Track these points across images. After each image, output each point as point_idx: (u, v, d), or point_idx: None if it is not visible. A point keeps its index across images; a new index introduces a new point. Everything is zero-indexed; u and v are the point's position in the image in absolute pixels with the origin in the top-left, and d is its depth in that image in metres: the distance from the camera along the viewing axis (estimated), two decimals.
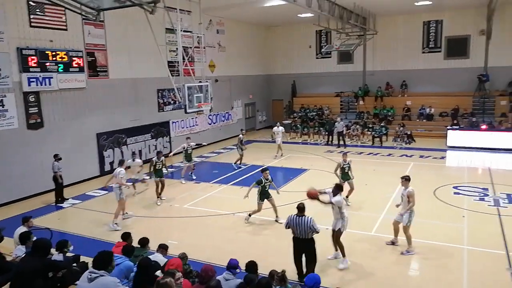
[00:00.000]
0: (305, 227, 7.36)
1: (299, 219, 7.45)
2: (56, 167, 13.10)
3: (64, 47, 14.67)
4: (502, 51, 22.78)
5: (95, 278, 4.49)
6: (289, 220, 7.58)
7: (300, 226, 7.40)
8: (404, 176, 9.21)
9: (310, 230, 7.37)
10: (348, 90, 26.90)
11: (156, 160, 13.10)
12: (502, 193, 12.74)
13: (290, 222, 7.54)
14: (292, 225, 7.51)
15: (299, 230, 7.43)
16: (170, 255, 6.97)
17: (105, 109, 16.57)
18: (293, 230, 7.56)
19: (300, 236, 7.47)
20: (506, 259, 8.39)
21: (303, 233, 7.42)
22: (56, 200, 13.35)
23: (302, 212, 7.54)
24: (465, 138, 20.16)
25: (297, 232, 7.48)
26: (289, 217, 7.64)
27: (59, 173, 13.19)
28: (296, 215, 7.53)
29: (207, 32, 22.04)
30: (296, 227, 7.45)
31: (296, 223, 7.45)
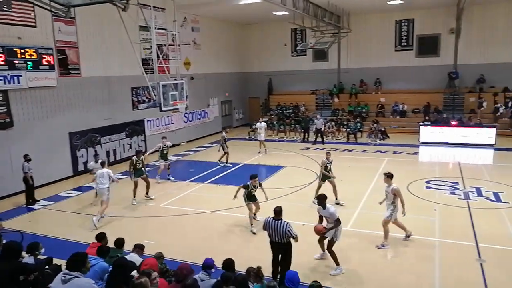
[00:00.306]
0: (281, 232, 7.14)
1: (275, 223, 7.21)
2: (26, 168, 12.71)
3: (34, 44, 14.23)
4: (471, 49, 23.54)
5: (69, 280, 4.40)
6: (266, 223, 7.38)
7: (276, 230, 7.18)
8: (386, 173, 9.30)
9: (286, 235, 7.13)
10: (323, 87, 27.21)
11: (136, 159, 12.86)
12: (471, 187, 13.17)
13: (267, 225, 7.34)
14: (268, 229, 7.32)
15: (275, 234, 7.22)
16: (147, 255, 6.89)
17: (78, 108, 16.20)
18: (269, 234, 7.35)
19: (276, 240, 7.27)
20: (476, 250, 8.68)
21: (279, 237, 7.20)
22: (26, 201, 12.95)
23: (279, 216, 7.31)
24: (436, 134, 20.73)
25: (273, 236, 7.28)
26: (266, 219, 7.45)
27: (30, 174, 12.80)
28: (273, 218, 7.31)
29: (182, 30, 21.82)
30: (272, 231, 7.25)
31: (272, 227, 7.23)
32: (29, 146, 14.15)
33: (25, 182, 12.86)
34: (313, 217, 10.85)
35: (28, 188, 12.98)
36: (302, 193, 13.12)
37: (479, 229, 9.75)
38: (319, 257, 8.46)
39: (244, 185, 10.30)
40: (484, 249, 8.70)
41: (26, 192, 13.04)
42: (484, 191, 12.70)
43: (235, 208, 11.55)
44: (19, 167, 13.11)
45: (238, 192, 10.36)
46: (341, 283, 7.30)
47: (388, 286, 7.43)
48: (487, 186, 13.20)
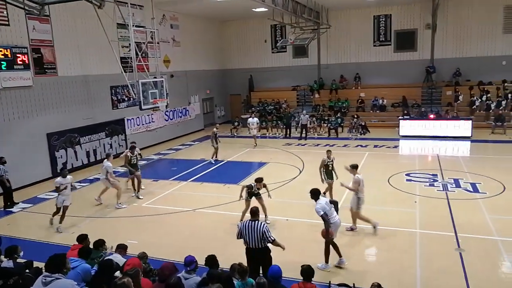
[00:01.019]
0: (257, 234, 6.61)
1: (251, 224, 6.69)
2: (1, 171, 12.41)
3: (7, 43, 13.86)
4: (447, 43, 24.05)
5: (50, 282, 4.31)
6: (241, 228, 6.80)
7: (253, 231, 6.63)
8: (351, 164, 9.62)
9: (262, 237, 6.61)
10: (304, 83, 27.35)
11: (131, 155, 12.93)
12: (449, 178, 13.47)
13: (242, 229, 6.76)
14: (243, 233, 6.74)
15: (251, 237, 6.65)
16: (130, 255, 6.82)
17: (55, 108, 15.86)
18: (245, 240, 6.76)
19: (252, 245, 6.70)
20: (455, 240, 8.89)
21: (255, 241, 6.64)
22: (4, 204, 12.61)
23: (256, 217, 6.87)
24: (415, 127, 21.10)
25: (249, 240, 6.70)
26: (241, 224, 6.94)
27: (6, 177, 12.50)
28: (250, 220, 6.83)
29: (161, 27, 21.59)
30: (247, 234, 6.67)
31: (248, 229, 6.67)
32: (7, 148, 13.80)
33: (2, 185, 12.56)
34: (297, 212, 10.99)
35: (6, 190, 12.66)
36: (285, 188, 13.18)
37: (458, 219, 9.99)
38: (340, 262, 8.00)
39: (248, 186, 10.19)
40: (463, 238, 8.91)
41: (3, 195, 12.74)
42: (462, 182, 13.00)
43: (218, 206, 11.57)
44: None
45: (242, 192, 10.26)
46: (322, 277, 7.37)
47: (371, 278, 7.53)
48: (465, 178, 13.53)
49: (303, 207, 11.28)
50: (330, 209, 7.77)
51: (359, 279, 7.05)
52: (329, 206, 7.81)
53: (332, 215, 7.78)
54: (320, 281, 7.09)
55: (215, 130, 17.47)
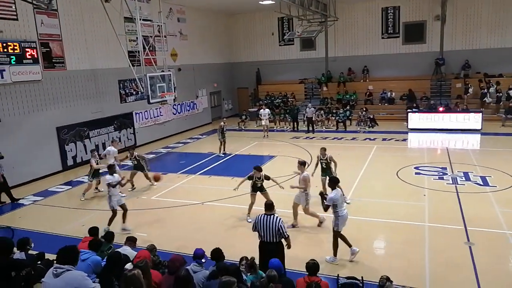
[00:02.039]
0: (273, 228, 6.59)
1: (267, 219, 6.67)
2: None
3: (16, 37, 13.95)
4: (456, 35, 23.72)
5: (61, 273, 4.36)
6: (257, 221, 6.77)
7: (268, 226, 6.61)
8: (299, 161, 9.60)
9: (278, 231, 6.59)
10: (311, 76, 27.19)
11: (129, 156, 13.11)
12: (459, 172, 13.36)
13: (258, 223, 6.73)
14: (259, 227, 6.71)
15: (266, 231, 6.64)
16: (139, 247, 6.88)
17: (64, 102, 15.98)
18: (260, 233, 6.74)
19: (266, 239, 6.67)
20: (464, 234, 8.83)
21: (270, 235, 6.62)
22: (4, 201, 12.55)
23: (271, 210, 6.81)
24: (424, 120, 20.92)
25: (263, 234, 6.68)
26: (257, 217, 6.85)
27: (1, 172, 12.30)
28: (264, 214, 6.79)
29: (168, 21, 21.57)
30: (263, 228, 6.66)
31: (263, 223, 6.66)
32: (17, 142, 13.98)
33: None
34: None
35: (1, 186, 12.41)
36: (293, 182, 13.13)
37: (468, 213, 9.92)
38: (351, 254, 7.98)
39: (248, 176, 10.17)
40: (473, 232, 8.85)
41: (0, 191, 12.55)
42: (472, 176, 12.89)
43: (226, 199, 11.60)
44: (7, 163, 12.90)
45: (241, 183, 10.26)
46: (331, 270, 7.38)
47: (380, 271, 7.52)
48: (474, 171, 13.41)
49: (311, 200, 11.28)
50: (341, 202, 7.81)
51: (367, 272, 7.05)
52: (342, 198, 7.89)
53: (342, 208, 7.79)
54: (329, 274, 7.12)
55: (222, 124, 17.54)
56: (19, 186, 14.05)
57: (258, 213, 7.07)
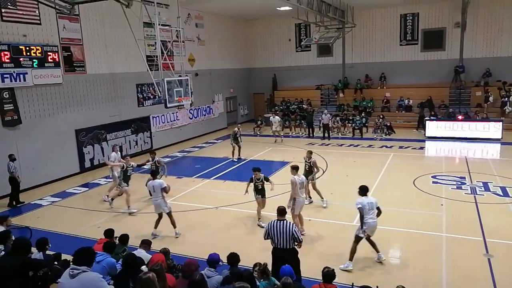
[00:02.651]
0: (287, 234, 6.50)
1: (279, 224, 6.57)
2: (12, 168, 12.34)
3: (39, 41, 14.29)
4: (477, 43, 23.34)
5: (77, 274, 4.41)
6: (269, 228, 6.66)
7: (281, 232, 6.51)
8: (291, 165, 9.56)
9: (292, 237, 6.51)
10: (328, 83, 27.09)
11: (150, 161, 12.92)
12: (478, 181, 13.08)
13: (270, 229, 6.61)
14: (272, 233, 6.59)
15: (279, 237, 6.53)
16: (153, 250, 6.93)
17: (83, 105, 16.26)
18: (273, 240, 6.63)
19: (280, 246, 6.56)
20: (483, 245, 8.64)
21: (284, 241, 6.52)
22: (10, 203, 12.59)
23: (283, 216, 6.74)
24: (442, 128, 20.60)
25: (277, 241, 6.57)
26: (268, 224, 6.77)
27: (16, 174, 12.45)
28: (276, 220, 6.68)
29: (186, 26, 21.81)
30: (276, 234, 6.55)
31: (276, 229, 6.55)
32: (37, 143, 14.27)
33: (12, 182, 12.43)
34: (320, 212, 10.93)
35: (14, 188, 12.57)
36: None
37: (487, 224, 9.70)
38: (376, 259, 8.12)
39: (250, 179, 10.35)
40: (492, 244, 8.65)
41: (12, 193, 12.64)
42: (491, 186, 12.61)
43: (241, 204, 11.59)
44: (26, 164, 13.17)
45: (248, 187, 10.39)
46: (347, 279, 7.29)
47: (395, 281, 7.40)
48: (494, 181, 13.11)
49: (327, 207, 11.21)
50: (368, 209, 7.86)
51: (383, 281, 6.94)
52: (370, 206, 7.90)
53: (368, 215, 7.83)
54: (343, 283, 7.03)
55: (236, 130, 17.65)
56: (38, 187, 14.34)
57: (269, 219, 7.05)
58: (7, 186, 12.64)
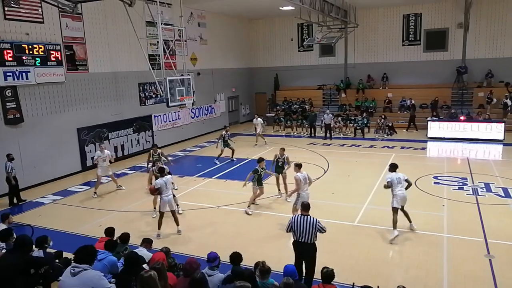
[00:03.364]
0: (309, 228, 6.71)
1: (303, 219, 6.77)
2: (9, 168, 12.19)
3: (41, 40, 14.31)
4: (479, 43, 23.30)
5: (78, 272, 4.43)
6: (292, 222, 6.88)
7: (304, 227, 6.72)
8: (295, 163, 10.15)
9: (315, 230, 6.74)
10: (330, 83, 27.07)
11: (153, 153, 13.15)
12: (480, 182, 13.05)
13: (293, 224, 6.83)
14: (295, 227, 6.80)
15: (302, 232, 6.74)
16: (155, 249, 6.94)
17: (86, 104, 16.29)
18: (295, 233, 6.85)
19: (301, 239, 6.78)
20: (484, 246, 8.62)
21: (306, 235, 6.73)
22: (10, 202, 12.52)
23: (307, 211, 6.95)
24: (444, 129, 20.57)
25: (299, 234, 6.78)
26: (292, 218, 6.99)
27: (13, 174, 12.30)
28: (301, 215, 6.92)
29: (188, 25, 21.83)
30: (299, 228, 6.75)
31: (300, 224, 6.75)
32: (39, 142, 14.30)
33: (8, 182, 12.31)
34: (321, 212, 10.91)
35: (12, 188, 12.51)
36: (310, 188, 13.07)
37: (488, 225, 9.68)
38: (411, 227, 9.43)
39: (254, 170, 11.01)
40: (493, 245, 8.63)
41: (9, 193, 12.58)
42: (493, 187, 12.59)
43: (242, 203, 11.60)
44: (28, 162, 13.19)
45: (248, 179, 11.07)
46: (349, 279, 7.28)
47: (397, 281, 7.40)
48: (496, 182, 13.08)
49: (328, 207, 11.21)
50: (397, 183, 9.11)
51: (383, 282, 6.93)
52: (398, 180, 9.15)
53: (397, 188, 9.05)
54: (344, 283, 7.03)
55: (223, 133, 17.17)
56: (40, 185, 14.38)
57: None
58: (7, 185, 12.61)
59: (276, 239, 9.38)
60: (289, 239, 9.72)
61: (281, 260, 7.50)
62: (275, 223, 10.17)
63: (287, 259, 7.29)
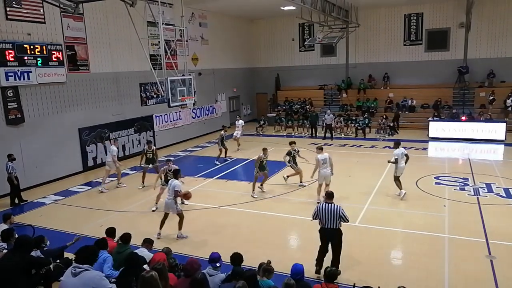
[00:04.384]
0: (334, 215, 7.26)
1: (327, 207, 7.33)
2: (10, 168, 12.20)
3: (43, 40, 14.33)
4: (481, 43, 23.27)
5: (79, 273, 4.44)
6: (318, 209, 7.42)
7: (329, 214, 7.27)
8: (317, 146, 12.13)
9: (339, 218, 7.27)
10: (331, 83, 27.06)
11: (147, 149, 13.84)
12: (481, 183, 13.03)
13: (319, 211, 7.37)
14: (321, 214, 7.35)
15: (328, 218, 7.29)
16: (156, 249, 6.95)
17: (87, 104, 16.31)
18: (321, 220, 7.40)
19: (327, 226, 7.33)
20: (486, 247, 8.61)
21: (331, 222, 7.29)
22: (11, 202, 12.50)
23: (331, 199, 7.48)
24: (446, 129, 20.54)
25: (324, 221, 7.33)
26: (317, 206, 7.52)
27: (14, 174, 12.33)
28: (325, 202, 7.46)
29: (190, 25, 21.84)
30: (325, 215, 7.31)
31: (325, 211, 7.31)
32: (40, 142, 14.32)
33: (10, 182, 12.33)
34: None
35: (14, 189, 12.49)
36: (311, 188, 13.09)
37: (489, 225, 9.66)
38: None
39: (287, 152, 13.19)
40: (495, 245, 8.62)
41: (11, 193, 12.56)
42: (494, 187, 12.57)
43: (243, 203, 11.61)
44: (30, 162, 13.19)
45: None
46: (349, 279, 7.28)
47: (397, 281, 7.39)
48: (497, 182, 13.06)
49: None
50: (401, 158, 11.78)
51: (384, 282, 6.92)
52: (402, 155, 11.80)
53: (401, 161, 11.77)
54: (345, 283, 7.03)
55: (222, 133, 17.19)
56: (41, 185, 14.40)
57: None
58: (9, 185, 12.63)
59: (277, 240, 9.38)
60: (289, 239, 9.78)
61: (282, 260, 7.53)
62: (276, 223, 10.18)
63: (288, 259, 7.31)
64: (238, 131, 19.84)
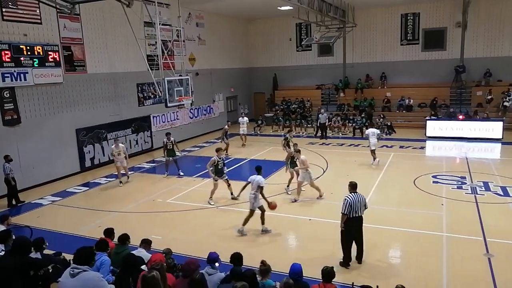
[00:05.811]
0: (362, 203, 7.75)
1: (357, 196, 7.76)
2: (7, 169, 12.21)
3: (39, 41, 14.28)
4: (478, 42, 23.32)
5: (77, 274, 4.42)
6: (351, 200, 7.68)
7: (359, 203, 7.70)
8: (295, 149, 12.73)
9: (364, 205, 7.82)
10: (329, 82, 27.09)
11: (167, 141, 14.67)
12: (479, 181, 13.07)
13: (353, 202, 7.66)
14: (354, 204, 7.65)
15: (359, 206, 7.70)
16: (154, 250, 6.93)
17: (84, 105, 16.27)
18: (353, 210, 7.65)
19: (356, 214, 7.70)
20: (483, 245, 8.63)
21: (360, 209, 7.74)
22: (8, 203, 12.47)
23: (355, 189, 7.90)
24: (443, 128, 20.59)
25: (356, 209, 7.67)
26: (347, 198, 7.74)
27: (11, 175, 12.31)
28: (354, 192, 7.83)
29: (187, 26, 21.81)
30: (356, 204, 7.66)
31: (357, 200, 7.70)
32: (37, 143, 14.28)
33: (7, 183, 12.31)
34: (320, 212, 10.93)
35: (11, 190, 12.47)
36: (306, 188, 13.09)
37: (487, 223, 9.69)
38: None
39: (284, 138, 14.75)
40: (492, 244, 8.64)
41: (8, 194, 12.53)
42: (492, 186, 12.61)
43: (241, 203, 11.59)
44: (27, 163, 13.12)
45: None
46: (347, 280, 7.28)
47: (395, 280, 7.40)
48: (495, 181, 13.10)
49: (326, 206, 11.21)
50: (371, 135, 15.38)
51: (382, 281, 6.93)
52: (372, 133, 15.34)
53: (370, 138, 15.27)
54: (343, 282, 7.04)
55: (226, 127, 17.72)
56: (39, 186, 14.35)
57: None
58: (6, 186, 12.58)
59: (276, 240, 9.38)
60: (289, 240, 9.76)
61: (281, 260, 7.53)
62: (274, 224, 10.16)
63: (287, 259, 7.31)
64: (244, 127, 20.12)
